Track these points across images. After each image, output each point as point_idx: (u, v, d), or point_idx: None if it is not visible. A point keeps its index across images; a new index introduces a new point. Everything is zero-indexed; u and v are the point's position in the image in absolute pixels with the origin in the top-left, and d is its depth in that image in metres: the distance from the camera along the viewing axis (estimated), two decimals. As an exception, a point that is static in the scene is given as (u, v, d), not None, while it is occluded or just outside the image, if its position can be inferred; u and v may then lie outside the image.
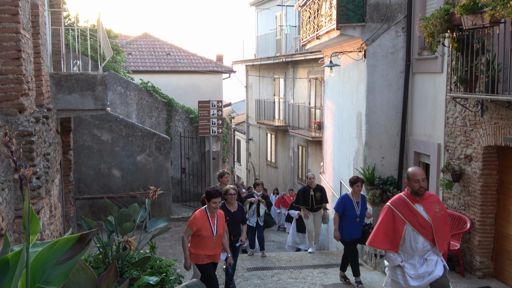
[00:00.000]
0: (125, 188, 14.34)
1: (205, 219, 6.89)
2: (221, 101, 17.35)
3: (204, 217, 6.91)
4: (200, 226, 6.85)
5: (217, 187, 6.94)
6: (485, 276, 8.02)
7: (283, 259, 11.18)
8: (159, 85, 18.83)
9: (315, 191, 11.41)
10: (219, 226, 6.99)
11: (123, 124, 14.21)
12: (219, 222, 6.99)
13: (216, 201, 6.81)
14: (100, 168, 14.15)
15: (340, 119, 13.04)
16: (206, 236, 6.84)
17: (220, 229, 7.01)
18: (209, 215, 6.92)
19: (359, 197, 8.47)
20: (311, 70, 19.90)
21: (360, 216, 8.41)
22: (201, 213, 6.98)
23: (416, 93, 10.38)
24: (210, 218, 6.91)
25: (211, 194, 6.81)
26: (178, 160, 17.55)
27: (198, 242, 6.89)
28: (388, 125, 10.77)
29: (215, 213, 6.97)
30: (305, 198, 11.41)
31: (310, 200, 11.37)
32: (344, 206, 8.38)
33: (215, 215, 6.96)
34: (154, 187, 6.55)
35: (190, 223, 6.88)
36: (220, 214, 7.07)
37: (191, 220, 6.87)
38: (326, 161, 15.23)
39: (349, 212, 8.35)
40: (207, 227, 6.87)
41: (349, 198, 8.43)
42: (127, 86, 17.04)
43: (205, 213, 6.96)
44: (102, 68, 11.33)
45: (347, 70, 12.15)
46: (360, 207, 8.42)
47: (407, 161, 10.70)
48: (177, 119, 17.66)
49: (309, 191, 11.39)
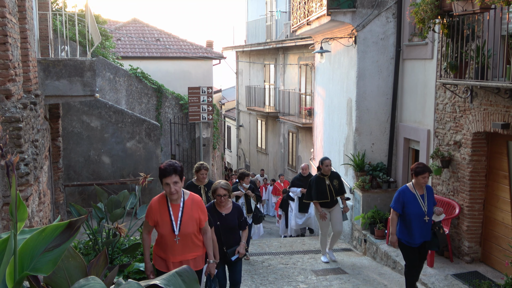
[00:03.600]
0: (115, 174, 14.29)
1: (163, 210, 4.84)
2: (211, 88, 17.27)
3: (162, 206, 4.85)
4: (156, 218, 4.85)
5: (175, 163, 4.77)
6: (473, 261, 8.12)
7: (273, 245, 11.23)
8: (148, 71, 18.70)
9: (331, 179, 9.19)
10: (187, 220, 4.84)
11: (112, 110, 14.12)
12: (187, 214, 4.84)
13: (169, 182, 4.67)
14: (89, 154, 14.08)
15: (330, 106, 13.05)
16: (165, 234, 4.82)
17: (188, 224, 4.84)
18: (170, 203, 4.84)
19: (423, 190, 6.66)
20: (301, 56, 19.85)
21: (428, 213, 6.61)
22: (159, 200, 4.89)
23: (406, 80, 10.39)
24: (170, 208, 4.82)
25: (162, 171, 4.71)
26: (168, 147, 17.51)
27: (159, 241, 4.96)
28: (378, 112, 10.79)
29: (178, 200, 4.84)
30: (321, 189, 9.11)
31: (328, 192, 9.13)
32: (404, 202, 6.62)
33: (180, 204, 4.84)
34: (144, 173, 6.54)
35: (146, 214, 4.99)
36: (192, 203, 4.91)
37: (147, 210, 4.98)
38: (316, 147, 15.25)
39: (412, 209, 6.58)
40: (165, 221, 4.81)
41: (410, 191, 6.62)
42: (116, 72, 16.90)
43: (164, 200, 4.87)
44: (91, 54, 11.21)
45: (338, 56, 12.12)
46: (427, 201, 6.62)
47: (397, 147, 10.75)
48: (167, 105, 17.57)
49: (324, 180, 9.16)
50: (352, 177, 11.04)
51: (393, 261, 8.81)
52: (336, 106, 12.40)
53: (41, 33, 9.80)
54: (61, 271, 2.53)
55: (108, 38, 17.68)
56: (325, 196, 9.09)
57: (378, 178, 10.53)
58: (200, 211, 4.93)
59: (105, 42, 17.05)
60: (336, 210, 9.29)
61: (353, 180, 10.95)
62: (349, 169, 11.24)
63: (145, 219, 4.99)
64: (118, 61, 18.19)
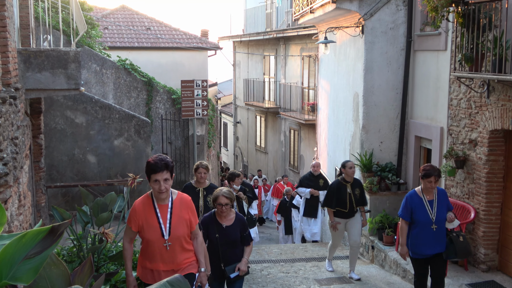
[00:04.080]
0: (101, 175, 14.28)
1: (149, 212, 4.66)
2: (206, 81, 17.27)
3: (148, 208, 4.67)
4: (141, 223, 4.65)
5: (166, 157, 4.61)
6: (489, 269, 8.13)
7: (273, 251, 11.25)
8: (138, 62, 18.69)
9: (353, 187, 8.86)
10: (177, 221, 4.68)
11: (98, 105, 14.11)
12: (177, 214, 4.69)
13: (160, 179, 4.51)
14: (73, 153, 14.07)
15: (335, 101, 13.05)
16: (152, 240, 4.62)
17: (179, 226, 4.67)
18: (156, 204, 4.67)
19: (433, 194, 6.47)
20: (304, 47, 19.84)
21: (436, 221, 6.40)
22: (143, 202, 4.72)
23: (418, 73, 10.40)
24: (158, 210, 4.66)
25: (150, 166, 4.53)
26: (160, 145, 17.50)
27: (145, 249, 4.74)
28: (387, 107, 10.79)
29: (167, 200, 4.68)
30: (341, 197, 8.75)
31: (348, 201, 8.77)
32: (412, 209, 6.47)
33: (168, 204, 4.68)
34: (133, 174, 6.53)
35: (128, 218, 4.77)
36: (180, 202, 4.75)
37: (129, 214, 4.76)
38: (320, 146, 15.26)
39: (419, 216, 6.42)
40: (152, 225, 4.63)
41: (418, 196, 6.48)
42: (103, 63, 16.89)
43: (150, 201, 4.70)
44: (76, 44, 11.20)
45: (343, 47, 12.12)
46: (436, 207, 6.43)
47: (407, 146, 10.75)
48: (158, 100, 17.56)
49: (346, 187, 8.79)
50: (359, 177, 11.05)
51: (403, 270, 8.83)
52: (341, 101, 12.41)
53: (22, 21, 9.78)
54: (43, 280, 2.53)
55: (94, 26, 17.66)
56: (343, 205, 8.75)
57: (387, 180, 10.54)
58: (190, 212, 4.77)
59: (91, 31, 17.03)
60: (354, 221, 8.91)
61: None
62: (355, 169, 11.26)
63: (127, 225, 4.76)
64: (105, 52, 18.17)
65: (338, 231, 8.90)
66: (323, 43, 12.33)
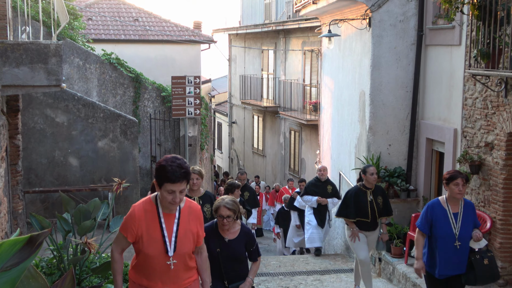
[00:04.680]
0: (84, 179, 14.26)
1: (152, 222, 4.23)
2: (199, 77, 17.26)
3: (151, 217, 4.25)
4: (140, 233, 4.22)
5: (184, 162, 4.16)
6: (506, 284, 8.14)
7: (271, 264, 11.25)
8: (125, 57, 18.68)
9: (375, 194, 8.34)
10: (184, 235, 4.29)
11: (81, 103, 14.10)
12: (184, 227, 4.30)
13: (176, 190, 4.06)
14: (54, 155, 14.05)
15: (340, 99, 13.07)
16: (153, 255, 4.20)
17: (185, 242, 4.30)
18: (162, 212, 4.25)
19: (459, 206, 6.06)
20: (306, 41, 19.87)
21: (460, 237, 5.98)
22: (145, 208, 4.27)
23: (429, 69, 10.42)
24: (163, 220, 4.24)
25: (167, 175, 4.04)
26: (148, 147, 17.49)
27: (141, 264, 4.30)
28: (396, 107, 10.81)
29: (174, 210, 4.28)
30: (360, 205, 8.25)
31: (370, 210, 8.26)
32: (433, 220, 6.06)
33: (175, 214, 4.29)
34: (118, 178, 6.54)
35: (123, 225, 4.31)
36: (189, 212, 4.39)
37: (125, 220, 4.31)
38: (323, 148, 15.28)
39: (440, 230, 6.00)
40: (154, 238, 4.21)
41: (441, 207, 6.05)
42: (87, 58, 16.88)
43: (153, 208, 4.26)
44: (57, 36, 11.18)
45: (349, 41, 12.14)
46: (461, 221, 6.00)
47: (418, 150, 10.77)
48: (146, 97, 17.56)
49: (366, 194, 8.28)
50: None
51: (413, 284, 8.83)
52: (346, 100, 12.42)
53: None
54: (20, 294, 2.53)
55: (77, 17, 17.66)
56: (364, 214, 8.22)
57: (396, 186, 10.56)
58: (199, 224, 4.42)
59: (73, 22, 17.03)
60: (375, 234, 8.53)
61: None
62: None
63: (120, 233, 4.29)
64: (88, 45, 18.17)
65: (361, 243, 8.29)
66: (327, 37, 12.34)
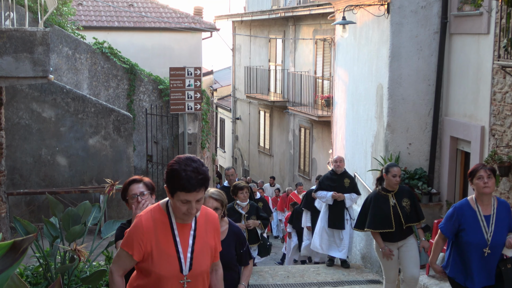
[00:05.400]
0: (74, 180, 14.30)
1: (164, 234, 3.79)
2: (199, 68, 17.27)
3: (162, 229, 3.79)
4: (150, 249, 3.75)
5: (202, 164, 3.68)
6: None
7: (278, 274, 11.24)
8: (118, 46, 18.70)
9: (399, 197, 7.75)
10: (201, 250, 3.86)
11: (70, 96, 14.13)
12: (201, 240, 3.89)
13: (192, 200, 3.61)
14: (40, 154, 14.09)
15: (355, 94, 13.05)
16: (166, 276, 3.75)
17: (202, 258, 3.86)
18: (175, 223, 3.80)
19: (491, 207, 5.72)
20: (317, 29, 19.84)
21: (492, 244, 5.64)
22: (154, 217, 3.80)
23: (454, 61, 10.38)
24: (176, 232, 3.80)
25: (181, 182, 3.56)
26: (143, 145, 17.51)
27: (147, 286, 3.83)
28: (417, 102, 10.78)
29: (189, 220, 3.80)
30: (381, 212, 7.70)
31: (393, 216, 7.64)
32: (460, 224, 5.74)
33: (191, 225, 3.85)
34: (111, 179, 6.53)
35: (127, 240, 3.81)
36: (206, 221, 3.95)
37: (130, 234, 3.81)
38: (336, 147, 15.25)
39: (469, 235, 5.67)
40: (168, 255, 3.77)
41: (470, 208, 5.74)
42: (76, 47, 16.91)
43: (165, 218, 3.81)
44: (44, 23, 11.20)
45: (365, 29, 12.12)
46: (494, 225, 5.66)
47: (441, 149, 10.74)
48: (142, 91, 17.58)
49: (388, 199, 7.73)
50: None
51: (435, 297, 8.81)
52: (362, 94, 12.40)
53: (-21, -5, 9.80)
54: (3, 305, 2.53)
55: (66, 2, 17.68)
56: (387, 223, 7.63)
57: (417, 189, 10.53)
58: (216, 236, 4.01)
59: (62, 8, 17.05)
60: (408, 246, 7.81)
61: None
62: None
63: (122, 250, 3.80)
64: (78, 33, 18.20)
65: (391, 261, 7.78)
66: (341, 25, 12.31)
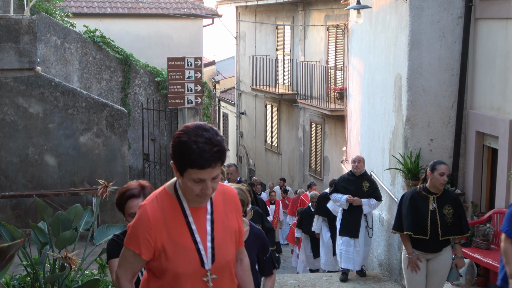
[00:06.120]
0: (63, 182, 14.32)
1: (176, 223, 3.38)
2: (200, 58, 17.29)
3: (173, 217, 3.39)
4: (161, 243, 3.37)
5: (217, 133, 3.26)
6: None
7: (288, 283, 11.24)
8: (111, 34, 18.73)
9: (441, 202, 7.27)
10: (222, 236, 3.47)
11: (60, 90, 14.15)
12: (222, 224, 3.49)
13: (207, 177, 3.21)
14: (27, 153, 14.12)
15: (371, 85, 13.03)
16: (185, 273, 3.39)
17: (225, 245, 3.48)
18: (187, 208, 3.39)
19: None
20: (330, 14, 19.81)
21: None
22: (161, 205, 3.40)
23: (480, 48, 10.35)
24: (191, 218, 3.39)
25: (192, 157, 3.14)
26: (139, 143, 17.54)
27: None
28: (439, 94, 10.75)
29: (205, 202, 3.43)
30: (418, 215, 7.25)
31: (430, 223, 7.19)
32: None
33: (207, 208, 3.45)
34: (104, 180, 6.54)
35: (131, 237, 3.42)
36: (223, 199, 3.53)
37: (134, 229, 3.41)
38: (350, 144, 15.24)
39: None
40: (184, 247, 3.38)
41: None
42: (66, 36, 16.94)
43: (175, 204, 3.41)
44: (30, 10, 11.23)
45: (382, 14, 12.09)
46: None
47: (466, 145, 10.71)
48: (137, 83, 17.60)
49: (427, 201, 7.26)
50: (402, 187, 11.03)
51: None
52: (379, 85, 12.38)
53: (-41, -21, 9.83)
54: (-13, 318, 2.54)
55: (54, -13, 17.71)
56: (421, 228, 7.21)
57: (439, 189, 10.50)
58: (239, 215, 3.60)
59: (50, -7, 17.09)
60: (440, 262, 7.38)
61: (403, 191, 10.93)
62: (397, 176, 11.21)
63: (128, 250, 3.44)
64: (68, 21, 18.23)
65: (418, 275, 7.32)
66: (355, 9, 12.29)
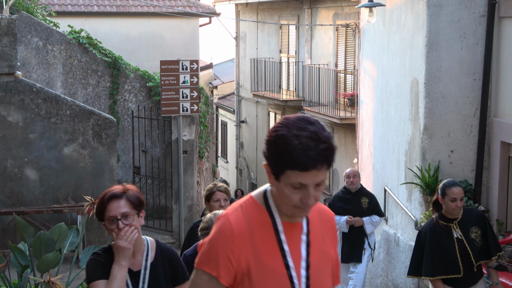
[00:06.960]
0: (46, 198, 14.32)
1: (264, 240, 3.07)
2: (196, 61, 17.29)
3: (262, 233, 3.08)
4: (246, 265, 3.02)
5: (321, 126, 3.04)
6: None
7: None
8: (98, 35, 18.76)
9: (465, 225, 6.95)
10: (319, 264, 3.19)
11: (41, 97, 14.18)
12: (318, 248, 3.21)
13: (310, 183, 2.89)
14: (5, 166, 14.13)
15: (384, 91, 13.05)
16: None
17: (322, 273, 3.20)
18: (279, 223, 3.10)
19: None
20: (339, 13, 19.85)
21: None
22: (248, 217, 3.07)
23: (505, 50, 10.37)
24: (283, 239, 3.10)
25: (293, 155, 2.83)
26: (129, 154, 17.54)
27: None
28: (460, 100, 10.77)
29: (303, 215, 3.11)
30: (443, 251, 6.91)
31: (459, 255, 6.84)
32: None
33: (302, 226, 3.17)
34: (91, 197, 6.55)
35: (207, 255, 3.04)
36: (320, 221, 3.25)
37: (212, 245, 3.03)
38: (362, 156, 15.24)
39: None
40: (273, 271, 3.05)
41: None
42: (48, 36, 16.98)
43: (265, 216, 3.10)
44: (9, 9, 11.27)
45: (396, 13, 12.12)
46: None
47: (490, 157, 10.71)
48: (127, 89, 17.62)
49: (450, 231, 6.92)
50: (419, 203, 11.02)
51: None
52: (393, 91, 12.40)
53: None
54: None
55: (36, -17, 17.77)
56: (452, 266, 6.85)
57: (460, 206, 10.49)
58: (335, 242, 3.37)
59: (31, -10, 17.15)
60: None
61: (421, 208, 10.93)
62: (414, 191, 11.20)
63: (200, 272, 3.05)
64: (51, 20, 18.28)
65: None
66: (367, 7, 12.32)
